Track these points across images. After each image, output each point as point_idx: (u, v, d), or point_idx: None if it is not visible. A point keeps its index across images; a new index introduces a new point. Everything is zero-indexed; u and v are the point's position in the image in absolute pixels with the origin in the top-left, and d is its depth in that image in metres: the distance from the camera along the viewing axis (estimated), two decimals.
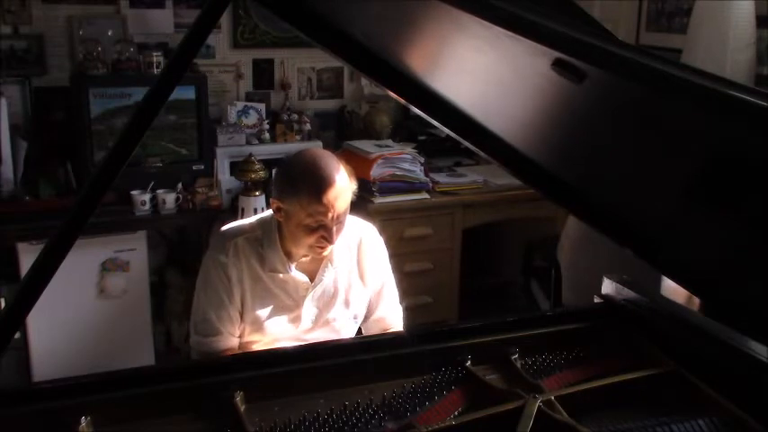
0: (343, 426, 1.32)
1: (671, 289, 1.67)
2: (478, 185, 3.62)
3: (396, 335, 1.94)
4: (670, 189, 1.06)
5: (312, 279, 1.97)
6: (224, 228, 2.01)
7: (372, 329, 2.10)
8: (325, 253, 1.92)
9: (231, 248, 1.93)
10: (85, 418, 1.27)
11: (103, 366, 1.57)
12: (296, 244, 1.90)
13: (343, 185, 1.84)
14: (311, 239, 1.86)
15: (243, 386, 1.38)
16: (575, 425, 1.27)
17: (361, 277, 2.04)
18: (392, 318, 2.10)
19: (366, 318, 2.09)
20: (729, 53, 3.02)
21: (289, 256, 1.94)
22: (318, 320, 1.99)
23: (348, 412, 1.35)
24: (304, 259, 1.96)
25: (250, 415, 1.34)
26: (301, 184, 1.83)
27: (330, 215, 1.82)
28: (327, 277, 1.98)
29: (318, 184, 1.81)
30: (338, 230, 1.87)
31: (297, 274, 1.95)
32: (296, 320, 1.97)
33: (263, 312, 1.94)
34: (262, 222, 1.98)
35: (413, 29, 1.16)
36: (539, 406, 1.30)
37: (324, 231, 1.84)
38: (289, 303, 1.96)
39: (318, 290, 1.97)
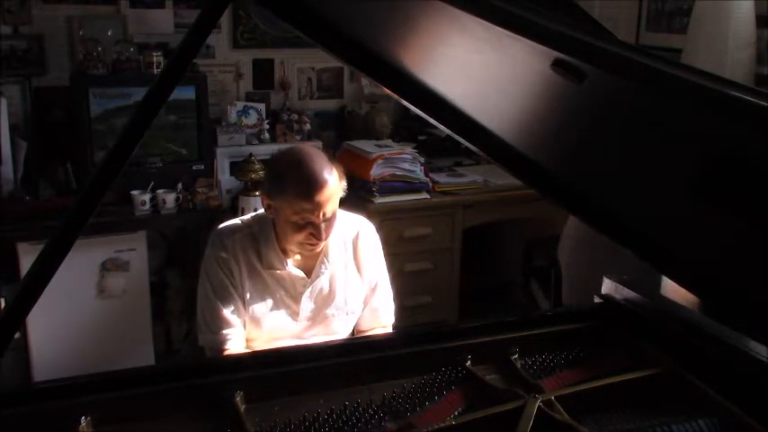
0: (343, 426, 1.32)
1: (671, 289, 1.67)
2: (478, 185, 3.62)
3: (396, 335, 1.94)
4: (670, 189, 1.06)
5: (309, 275, 1.97)
6: (221, 226, 2.02)
7: (364, 321, 2.10)
8: (317, 249, 1.92)
9: (230, 245, 1.94)
10: (85, 418, 1.27)
11: (103, 366, 1.57)
12: (287, 240, 1.91)
13: (330, 183, 1.84)
14: (300, 236, 1.86)
15: (243, 386, 1.38)
16: (575, 425, 1.27)
17: (359, 272, 2.05)
18: (384, 311, 2.11)
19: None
20: (729, 53, 3.02)
21: (285, 253, 1.95)
22: (316, 316, 2.00)
23: (348, 412, 1.35)
24: (300, 255, 1.96)
25: (250, 415, 1.34)
26: (287, 182, 1.83)
27: (317, 213, 1.82)
28: (324, 273, 1.98)
29: (304, 183, 1.81)
30: (328, 227, 1.87)
31: (293, 270, 1.96)
32: (294, 316, 1.98)
33: (261, 308, 1.95)
34: (258, 219, 1.99)
35: (413, 29, 1.16)
36: (539, 406, 1.30)
37: (312, 229, 1.85)
38: (286, 299, 1.97)
39: (316, 286, 1.98)
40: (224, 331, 1.92)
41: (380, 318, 2.11)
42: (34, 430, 1.29)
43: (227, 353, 1.91)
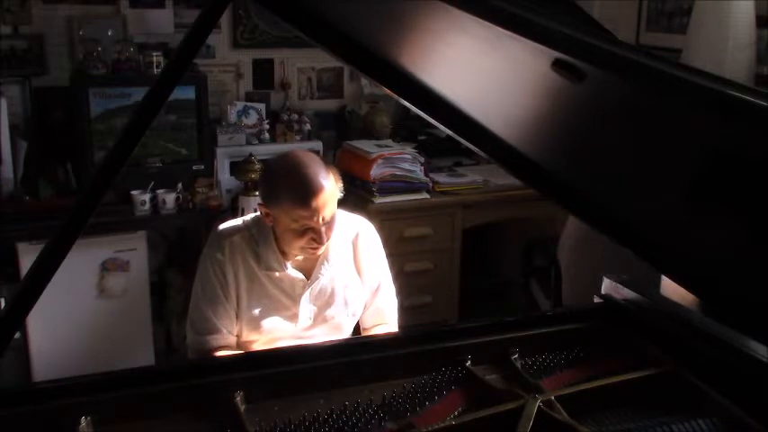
0: (343, 426, 1.32)
1: (671, 289, 1.67)
2: (478, 185, 3.62)
3: (396, 335, 1.94)
4: (670, 189, 1.06)
5: (308, 277, 1.97)
6: (221, 226, 2.01)
7: (368, 321, 2.11)
8: (319, 252, 1.92)
9: (227, 246, 1.93)
10: (85, 418, 1.27)
11: (103, 366, 1.57)
12: (288, 245, 1.91)
13: (326, 188, 1.82)
14: (301, 242, 1.86)
15: (243, 386, 1.38)
16: (575, 425, 1.27)
17: (359, 273, 2.05)
18: (388, 310, 2.11)
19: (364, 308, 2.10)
20: (729, 53, 3.02)
21: (284, 255, 1.94)
22: (317, 318, 1.99)
23: (348, 412, 1.35)
24: (299, 257, 1.96)
25: (250, 415, 1.34)
26: (282, 190, 1.82)
27: (316, 218, 1.82)
28: (324, 275, 1.98)
29: (300, 190, 1.80)
30: (328, 230, 1.87)
31: (293, 272, 1.95)
32: (293, 318, 1.97)
33: (259, 311, 1.95)
34: (257, 221, 1.99)
35: (413, 29, 1.16)
36: (539, 406, 1.30)
37: (312, 233, 1.84)
38: (285, 302, 1.96)
39: (315, 287, 1.98)
40: (208, 335, 1.92)
41: (384, 316, 2.11)
42: (34, 430, 1.29)
43: (209, 356, 1.90)
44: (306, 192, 1.80)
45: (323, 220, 1.83)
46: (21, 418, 1.27)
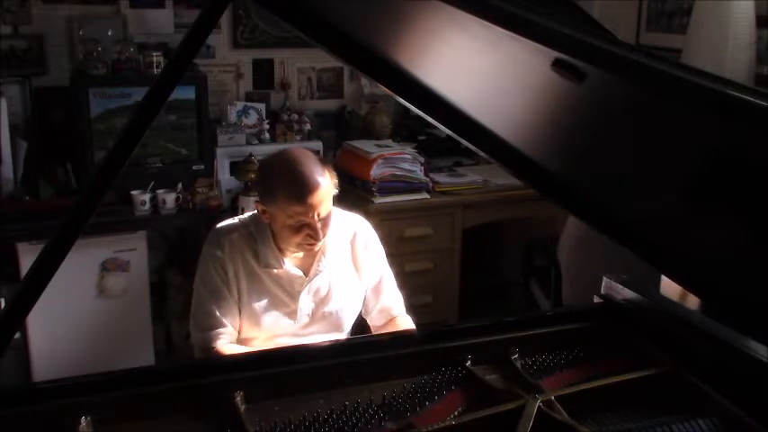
0: (343, 426, 1.32)
1: (671, 289, 1.67)
2: (478, 185, 3.62)
3: (396, 335, 1.94)
4: (670, 189, 1.06)
5: (307, 273, 1.98)
6: (219, 224, 2.03)
7: (378, 319, 2.12)
8: (316, 249, 1.93)
9: (227, 244, 1.94)
10: (85, 418, 1.27)
11: (103, 366, 1.57)
12: (285, 242, 1.92)
13: (321, 183, 1.84)
14: (298, 238, 1.88)
15: (243, 386, 1.38)
16: (575, 425, 1.27)
17: (357, 271, 2.07)
18: (395, 306, 2.13)
19: (370, 310, 2.11)
20: (729, 53, 3.02)
21: (282, 252, 1.96)
22: (315, 314, 2.01)
23: (348, 412, 1.35)
24: (297, 254, 1.97)
25: (250, 415, 1.34)
26: (278, 187, 1.84)
27: (311, 215, 1.84)
28: (322, 271, 1.99)
29: (294, 187, 1.82)
30: (324, 226, 1.88)
31: (291, 269, 1.96)
32: (292, 315, 1.98)
33: (259, 307, 1.96)
34: (255, 218, 2.00)
35: (413, 28, 1.16)
36: (539, 406, 1.30)
37: (308, 230, 1.86)
38: (284, 298, 1.97)
39: (314, 284, 1.99)
40: (212, 331, 1.93)
41: (392, 311, 2.13)
42: (34, 430, 1.29)
43: (214, 351, 1.91)
44: (301, 188, 1.81)
45: (319, 216, 1.84)
46: (21, 418, 1.27)
